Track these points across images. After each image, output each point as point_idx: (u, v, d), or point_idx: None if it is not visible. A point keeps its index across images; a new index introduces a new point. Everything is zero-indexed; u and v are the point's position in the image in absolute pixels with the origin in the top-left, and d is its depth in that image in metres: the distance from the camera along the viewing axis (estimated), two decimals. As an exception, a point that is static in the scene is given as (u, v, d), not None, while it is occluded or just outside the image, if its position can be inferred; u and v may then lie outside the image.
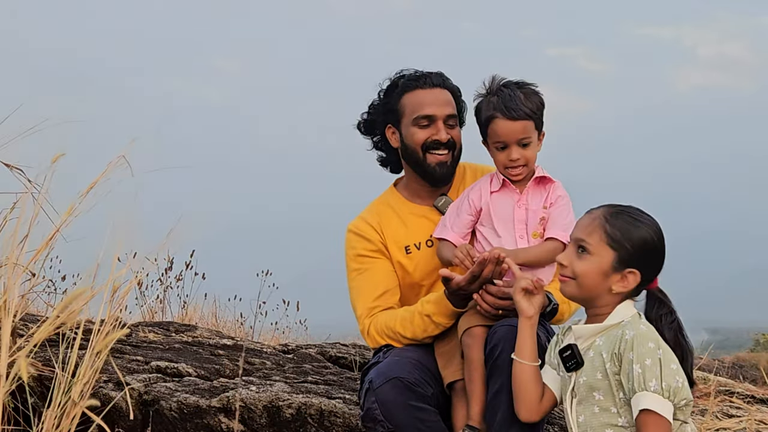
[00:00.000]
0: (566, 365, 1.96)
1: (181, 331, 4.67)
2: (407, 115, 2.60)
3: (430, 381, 2.34)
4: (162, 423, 2.79)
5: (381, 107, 2.69)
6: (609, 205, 2.00)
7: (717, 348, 10.42)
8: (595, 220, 1.96)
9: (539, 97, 2.41)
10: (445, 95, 2.61)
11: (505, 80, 2.42)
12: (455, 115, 2.62)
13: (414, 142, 2.60)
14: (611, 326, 1.92)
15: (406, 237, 2.64)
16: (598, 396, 1.89)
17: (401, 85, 2.64)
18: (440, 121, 2.58)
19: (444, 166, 2.59)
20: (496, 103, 2.38)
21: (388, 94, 2.67)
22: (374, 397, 2.26)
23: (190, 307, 6.91)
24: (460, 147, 2.65)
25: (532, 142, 2.38)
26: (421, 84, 2.61)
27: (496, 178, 2.47)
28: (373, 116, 2.72)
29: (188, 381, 3.07)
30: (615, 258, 1.93)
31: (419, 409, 2.26)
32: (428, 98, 2.59)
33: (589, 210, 2.03)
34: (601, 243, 1.93)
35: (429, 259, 2.60)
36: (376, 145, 2.77)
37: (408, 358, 2.38)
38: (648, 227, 1.95)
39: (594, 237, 1.94)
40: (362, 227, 2.67)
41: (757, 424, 2.90)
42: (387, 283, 2.59)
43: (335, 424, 2.71)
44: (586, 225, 1.97)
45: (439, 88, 2.61)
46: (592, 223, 1.96)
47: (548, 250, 2.35)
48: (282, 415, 2.74)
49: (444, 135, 2.57)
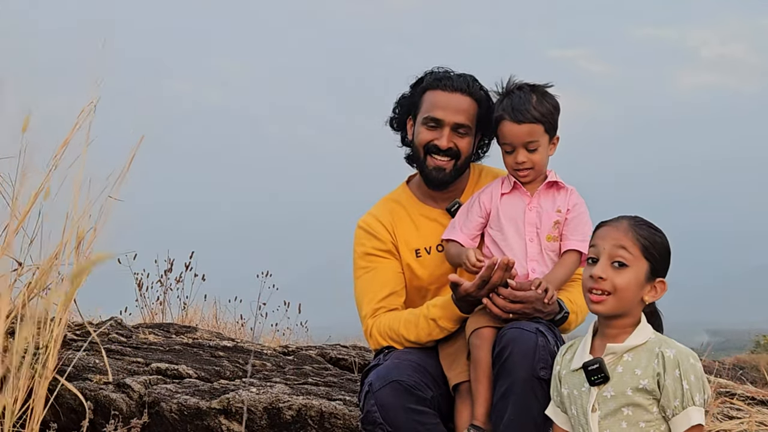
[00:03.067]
0: (591, 378, 1.92)
1: (182, 332, 4.67)
2: (421, 113, 2.57)
3: (430, 384, 2.33)
4: (162, 424, 2.79)
5: (406, 100, 2.67)
6: (625, 216, 1.98)
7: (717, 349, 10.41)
8: (628, 231, 1.92)
9: (553, 100, 2.39)
10: (463, 102, 2.53)
11: (521, 82, 2.41)
12: (466, 124, 2.53)
13: (419, 141, 2.58)
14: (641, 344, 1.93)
15: (417, 240, 2.62)
16: (627, 411, 1.89)
17: (425, 82, 2.60)
18: (447, 128, 2.53)
19: (441, 172, 2.56)
20: (506, 105, 2.37)
21: (414, 88, 2.64)
22: (374, 400, 2.26)
23: (191, 309, 6.92)
24: (468, 156, 2.59)
25: (541, 147, 2.36)
26: (443, 85, 2.55)
27: (507, 180, 2.47)
28: (399, 110, 2.70)
29: (188, 382, 3.06)
30: (648, 269, 1.92)
31: (419, 412, 2.25)
32: (443, 101, 2.54)
33: (607, 222, 1.98)
34: (638, 254, 1.91)
35: (439, 263, 2.58)
36: (404, 141, 2.73)
37: (408, 360, 2.37)
38: (664, 235, 1.97)
39: (631, 249, 1.91)
40: (374, 225, 2.64)
41: (757, 425, 2.90)
42: (393, 284, 2.58)
43: (335, 426, 2.71)
44: (619, 237, 1.92)
45: (460, 94, 2.53)
46: (625, 235, 1.92)
47: (571, 265, 2.39)
48: (282, 416, 2.73)
49: (445, 142, 2.53)
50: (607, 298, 1.90)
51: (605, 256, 1.91)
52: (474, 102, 2.55)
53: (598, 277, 1.90)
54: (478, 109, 2.56)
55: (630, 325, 1.93)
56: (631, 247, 1.90)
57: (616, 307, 1.91)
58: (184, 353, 3.72)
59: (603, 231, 1.96)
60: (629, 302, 1.91)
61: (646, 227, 1.94)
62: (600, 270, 1.91)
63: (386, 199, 2.74)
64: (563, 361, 2.05)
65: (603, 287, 1.90)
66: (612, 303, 1.91)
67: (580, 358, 1.98)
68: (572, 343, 2.06)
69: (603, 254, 1.92)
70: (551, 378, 2.08)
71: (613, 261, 1.91)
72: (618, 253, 1.90)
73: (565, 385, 2.01)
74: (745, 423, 2.92)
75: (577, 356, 2.00)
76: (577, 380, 1.97)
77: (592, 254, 1.95)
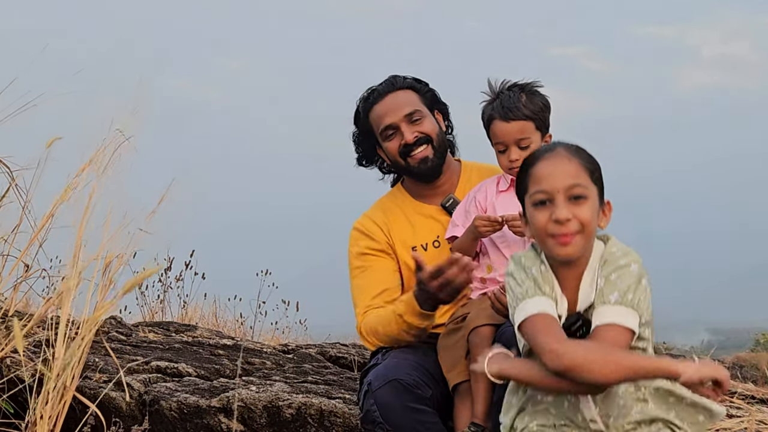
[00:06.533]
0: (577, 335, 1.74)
1: (181, 331, 4.67)
2: (377, 134, 2.65)
3: (429, 383, 2.33)
4: (162, 423, 2.79)
5: (361, 136, 2.72)
6: (555, 145, 1.81)
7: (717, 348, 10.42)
8: (572, 160, 1.76)
9: (543, 98, 2.41)
10: (397, 97, 2.61)
11: (510, 83, 2.43)
12: (415, 110, 2.59)
13: (392, 154, 2.63)
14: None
15: (414, 237, 2.63)
16: None
17: (361, 109, 2.68)
18: (403, 124, 2.58)
19: (427, 161, 2.59)
20: (496, 105, 2.40)
21: (357, 122, 2.71)
22: (373, 399, 2.26)
23: (190, 307, 6.92)
24: (440, 133, 2.63)
25: (533, 144, 2.37)
26: (374, 99, 2.63)
27: (503, 178, 2.49)
28: (361, 147, 2.75)
29: (188, 381, 3.07)
30: (598, 193, 1.77)
31: (418, 411, 2.25)
32: (383, 109, 2.61)
33: (542, 157, 1.78)
34: (589, 182, 1.75)
35: (435, 259, 2.58)
36: (383, 170, 2.79)
37: (407, 359, 2.37)
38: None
39: (583, 178, 1.74)
40: (368, 225, 2.67)
41: (757, 424, 2.90)
42: (387, 282, 2.58)
43: (335, 424, 2.71)
44: (568, 171, 1.74)
45: (389, 94, 2.62)
46: (573, 166, 1.75)
47: None
48: (282, 415, 2.73)
49: (410, 136, 2.57)
50: (576, 238, 1.73)
51: (561, 194, 1.73)
52: (407, 91, 2.63)
53: (566, 220, 1.71)
54: (416, 93, 2.64)
55: (587, 260, 1.77)
56: (583, 177, 1.74)
57: (584, 245, 1.74)
58: (184, 351, 3.72)
59: (546, 168, 1.76)
60: (593, 235, 1.76)
61: (580, 149, 1.80)
62: (564, 211, 1.72)
63: (381, 200, 2.78)
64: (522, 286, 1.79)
65: (571, 228, 1.72)
66: (580, 242, 1.73)
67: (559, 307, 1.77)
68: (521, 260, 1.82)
69: (558, 193, 1.73)
70: None
71: (570, 197, 1.73)
72: (574, 189, 1.72)
73: None
74: (745, 421, 2.92)
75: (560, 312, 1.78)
76: None
77: (542, 197, 1.75)
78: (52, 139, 2.49)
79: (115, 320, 4.55)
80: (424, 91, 2.66)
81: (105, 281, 2.41)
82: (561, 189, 1.73)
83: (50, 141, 2.50)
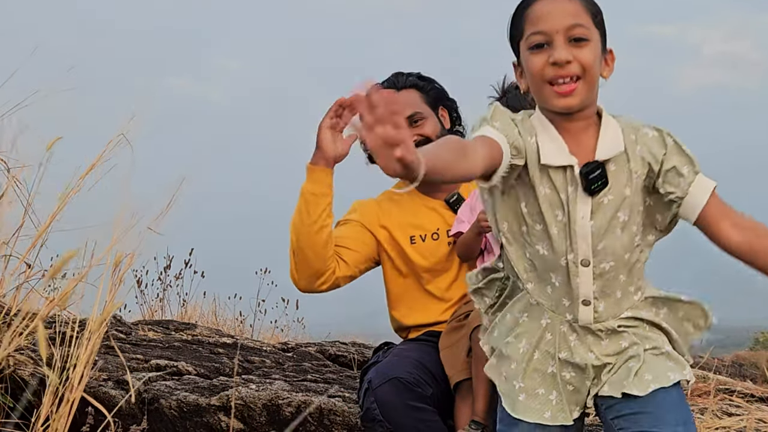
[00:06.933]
0: (592, 188, 1.60)
1: (181, 329, 4.67)
2: None
3: (429, 381, 2.33)
4: (162, 421, 2.79)
5: None
6: None
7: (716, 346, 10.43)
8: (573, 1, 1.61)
9: None
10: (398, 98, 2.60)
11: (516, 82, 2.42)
12: (414, 113, 2.57)
13: None
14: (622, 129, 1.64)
15: (413, 227, 2.64)
16: (623, 217, 1.63)
17: None
18: None
19: None
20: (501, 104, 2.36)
21: None
22: (373, 397, 2.26)
23: (190, 306, 6.91)
24: (442, 132, 2.61)
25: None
26: None
27: None
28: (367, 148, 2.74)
29: (188, 379, 3.06)
30: (601, 39, 1.63)
31: (418, 409, 2.25)
32: None
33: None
34: (591, 24, 1.60)
35: (433, 251, 2.60)
36: None
37: (408, 357, 2.37)
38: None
39: (585, 20, 1.59)
40: (366, 203, 2.70)
41: (756, 422, 2.90)
42: (350, 240, 2.58)
43: (335, 423, 2.71)
44: (569, 10, 1.58)
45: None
46: (576, 6, 1.60)
47: None
48: (281, 413, 2.73)
49: None
50: (578, 84, 1.58)
51: (561, 35, 1.57)
52: (410, 91, 2.62)
53: (566, 62, 1.56)
54: (419, 92, 2.62)
55: (590, 116, 1.64)
56: (584, 18, 1.59)
57: (588, 94, 1.60)
58: (184, 350, 3.72)
59: (544, 7, 1.59)
60: (596, 83, 1.62)
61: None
62: (564, 52, 1.56)
63: (389, 191, 2.78)
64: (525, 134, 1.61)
65: (572, 71, 1.56)
66: (583, 90, 1.58)
67: (557, 157, 1.61)
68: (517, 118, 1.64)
69: (557, 34, 1.57)
70: None
71: (571, 38, 1.57)
72: (575, 30, 1.57)
73: (543, 183, 1.62)
74: (744, 420, 2.92)
75: (551, 153, 1.61)
76: (560, 181, 1.62)
77: (540, 39, 1.59)
78: (54, 140, 2.48)
79: (115, 319, 4.55)
80: (427, 89, 2.64)
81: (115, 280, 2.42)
82: (561, 29, 1.57)
83: (51, 142, 2.49)
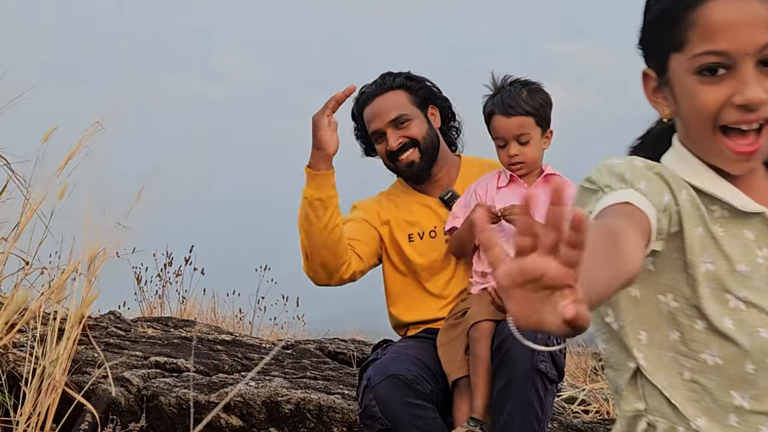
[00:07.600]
0: None
1: (180, 326, 4.66)
2: (369, 135, 2.65)
3: (428, 378, 2.33)
4: (161, 418, 2.79)
5: (360, 132, 2.71)
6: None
7: (716, 344, 10.41)
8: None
9: (545, 95, 2.41)
10: (385, 100, 2.58)
11: (512, 78, 2.43)
12: (400, 115, 2.55)
13: (381, 156, 2.64)
14: None
15: (411, 225, 2.64)
16: None
17: (354, 107, 2.66)
18: (388, 130, 2.56)
19: (414, 165, 2.58)
20: (496, 101, 2.41)
21: (355, 119, 2.70)
22: (372, 394, 2.26)
23: (189, 303, 6.90)
24: (430, 133, 2.59)
25: (533, 140, 2.37)
26: (364, 100, 2.61)
27: (503, 174, 2.48)
28: (363, 142, 2.74)
29: (187, 376, 3.06)
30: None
31: (417, 406, 2.25)
32: (370, 113, 2.59)
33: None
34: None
35: (431, 248, 2.60)
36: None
37: (406, 354, 2.37)
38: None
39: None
40: (366, 202, 2.70)
41: (755, 420, 2.90)
42: (361, 234, 2.59)
43: (334, 420, 2.71)
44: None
45: (377, 97, 2.58)
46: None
47: None
48: (281, 410, 2.73)
49: (394, 143, 2.55)
50: (761, 138, 1.19)
51: (751, 60, 1.15)
52: (396, 92, 2.59)
53: (760, 102, 1.13)
54: (407, 92, 2.59)
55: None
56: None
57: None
58: (183, 347, 3.72)
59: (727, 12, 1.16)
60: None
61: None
62: (759, 89, 1.13)
63: (386, 191, 2.78)
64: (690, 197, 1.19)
65: (762, 115, 1.17)
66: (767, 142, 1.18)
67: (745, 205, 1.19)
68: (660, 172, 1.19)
69: (746, 58, 1.16)
70: None
71: (762, 62, 1.15)
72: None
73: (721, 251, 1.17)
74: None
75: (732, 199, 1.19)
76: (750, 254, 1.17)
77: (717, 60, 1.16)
78: (50, 131, 2.48)
79: (114, 315, 4.55)
80: (415, 89, 2.61)
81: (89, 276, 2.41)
82: (752, 50, 1.11)
83: (47, 133, 2.48)
